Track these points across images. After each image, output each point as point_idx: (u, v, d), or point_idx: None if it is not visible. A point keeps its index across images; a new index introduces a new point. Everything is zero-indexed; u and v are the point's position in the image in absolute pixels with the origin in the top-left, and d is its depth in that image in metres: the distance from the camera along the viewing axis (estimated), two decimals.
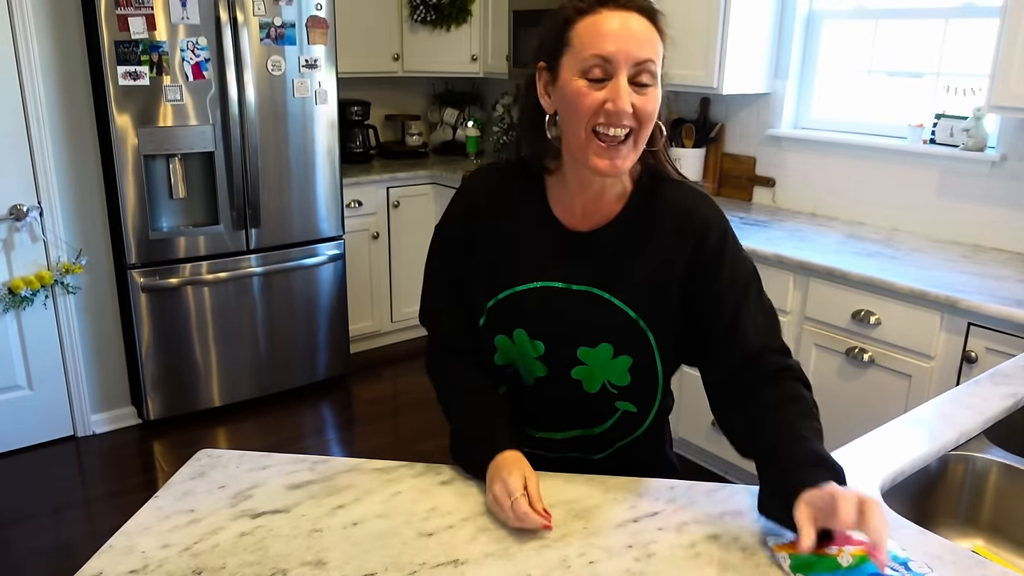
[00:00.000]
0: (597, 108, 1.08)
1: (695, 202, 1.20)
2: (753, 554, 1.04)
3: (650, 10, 1.10)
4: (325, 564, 1.02)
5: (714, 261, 1.18)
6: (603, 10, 1.08)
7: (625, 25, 1.07)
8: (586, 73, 1.08)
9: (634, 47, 1.06)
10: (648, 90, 1.09)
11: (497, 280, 1.23)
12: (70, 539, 2.66)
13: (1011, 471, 1.33)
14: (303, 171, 3.48)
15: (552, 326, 1.22)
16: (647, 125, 1.11)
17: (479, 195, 1.25)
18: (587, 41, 1.07)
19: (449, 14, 4.04)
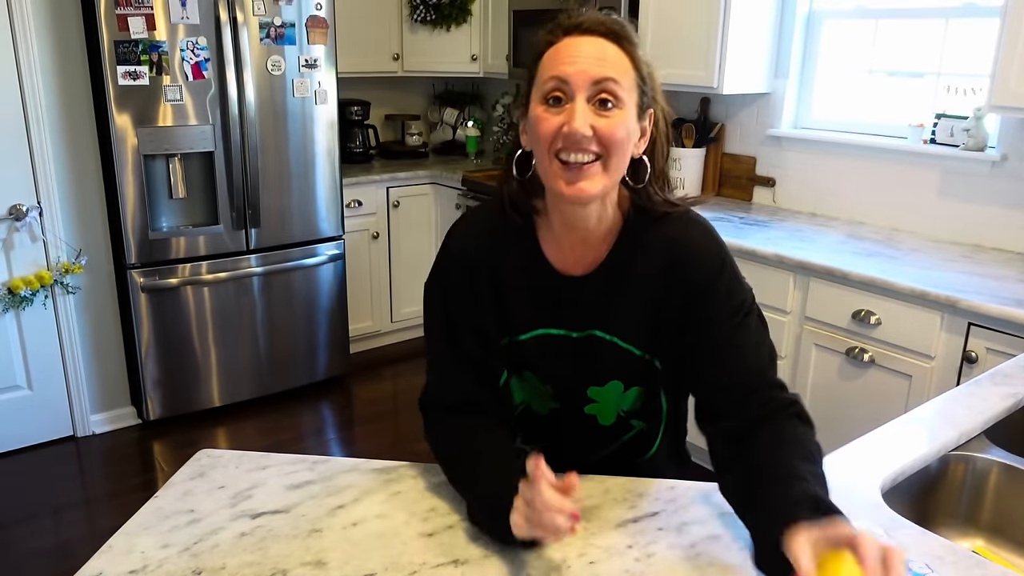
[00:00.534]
0: (555, 132, 1.02)
1: (685, 233, 1.15)
2: None
3: (618, 33, 1.05)
4: (325, 564, 1.02)
5: (706, 291, 1.13)
6: (563, 37, 1.05)
7: (584, 47, 1.03)
8: (545, 98, 1.04)
9: (592, 66, 1.02)
10: (612, 112, 1.03)
11: (501, 329, 1.20)
12: (70, 539, 2.66)
13: (1011, 471, 1.33)
14: (303, 171, 3.48)
15: (559, 370, 1.21)
16: (616, 150, 1.04)
17: (467, 248, 1.18)
18: (547, 67, 1.05)
19: (449, 14, 4.04)
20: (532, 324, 1.19)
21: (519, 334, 1.19)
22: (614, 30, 1.05)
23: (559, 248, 1.16)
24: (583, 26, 1.05)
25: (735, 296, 1.15)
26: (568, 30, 1.05)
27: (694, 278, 1.13)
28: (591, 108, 1.02)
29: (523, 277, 1.17)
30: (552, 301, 1.17)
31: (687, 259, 1.13)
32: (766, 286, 2.67)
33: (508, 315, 1.19)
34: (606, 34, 1.05)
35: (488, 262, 1.17)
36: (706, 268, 1.13)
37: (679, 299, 1.14)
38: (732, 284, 1.15)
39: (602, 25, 1.05)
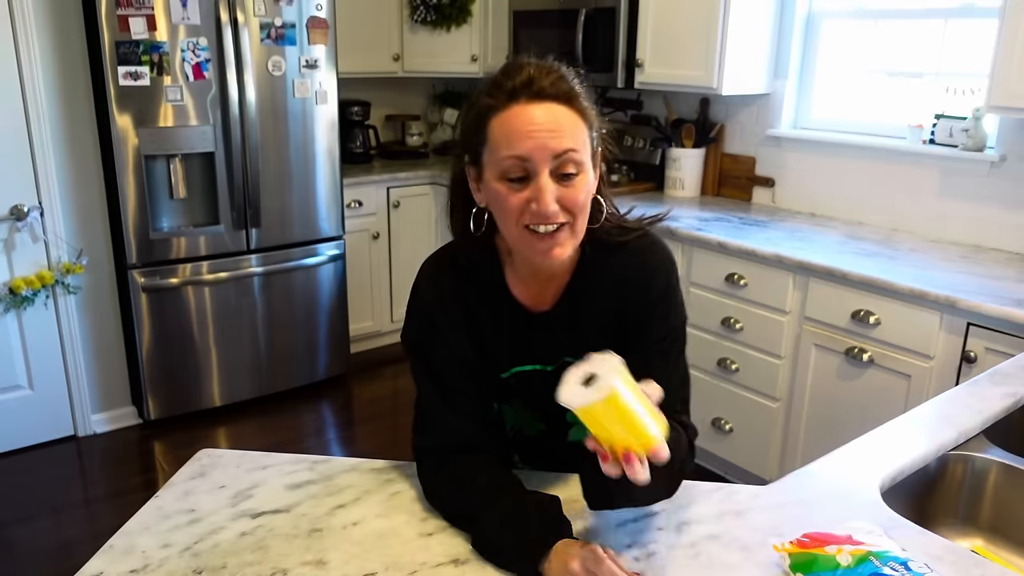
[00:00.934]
0: (522, 208, 1.03)
1: (639, 259, 1.16)
2: (753, 554, 1.04)
3: (567, 94, 1.03)
4: (325, 564, 1.02)
5: (650, 313, 1.16)
6: (514, 105, 1.02)
7: (539, 120, 1.01)
8: (506, 175, 1.03)
9: (551, 141, 1.00)
10: (574, 180, 1.03)
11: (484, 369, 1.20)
12: (70, 539, 2.66)
13: (1010, 471, 1.34)
14: (303, 171, 3.48)
15: (541, 403, 1.21)
16: (581, 214, 1.06)
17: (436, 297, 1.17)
18: (502, 141, 1.02)
19: (449, 14, 4.04)
20: (509, 363, 1.20)
21: (499, 372, 1.20)
22: (563, 91, 1.03)
23: (525, 286, 1.18)
24: (531, 90, 1.02)
25: (667, 324, 1.17)
26: (514, 95, 1.02)
27: (644, 301, 1.16)
28: (554, 180, 1.02)
29: (495, 318, 1.18)
30: (524, 338, 1.18)
31: (642, 281, 1.16)
32: (766, 286, 2.67)
33: (487, 356, 1.19)
34: (556, 97, 1.03)
35: (459, 307, 1.17)
36: (656, 290, 1.16)
37: (636, 315, 1.16)
38: (669, 310, 1.18)
39: (553, 88, 1.03)
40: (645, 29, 3.31)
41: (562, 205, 1.03)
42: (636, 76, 3.38)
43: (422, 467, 1.19)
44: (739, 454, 2.86)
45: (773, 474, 2.76)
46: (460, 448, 1.16)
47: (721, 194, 3.54)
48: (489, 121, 1.04)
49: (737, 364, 2.80)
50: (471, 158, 1.08)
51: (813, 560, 0.97)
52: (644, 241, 1.18)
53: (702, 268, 2.83)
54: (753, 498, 1.17)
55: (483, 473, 1.14)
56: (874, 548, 0.97)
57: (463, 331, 1.17)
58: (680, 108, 3.61)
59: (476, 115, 1.06)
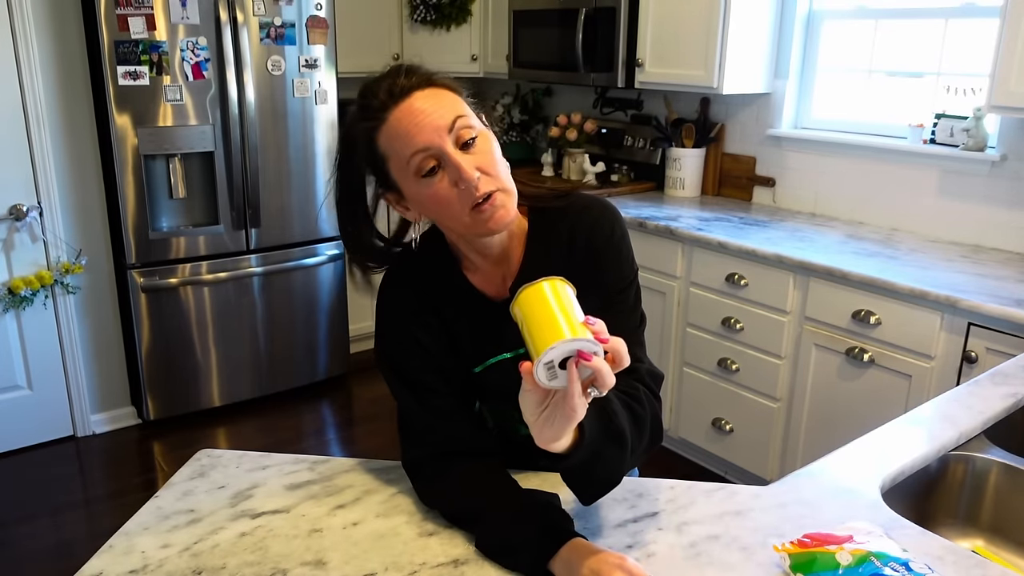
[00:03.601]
0: (454, 194, 1.04)
1: (579, 216, 1.18)
2: (753, 554, 1.04)
3: (425, 79, 1.06)
4: (325, 564, 1.02)
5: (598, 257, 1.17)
6: (391, 113, 1.04)
7: (417, 108, 1.03)
8: (420, 172, 1.04)
9: (437, 119, 1.03)
10: (476, 144, 1.05)
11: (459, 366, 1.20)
12: (70, 539, 2.66)
13: (1011, 471, 1.33)
14: (303, 171, 3.48)
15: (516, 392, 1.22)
16: (499, 172, 1.06)
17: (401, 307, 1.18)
18: (398, 146, 1.04)
19: (449, 14, 4.04)
20: (482, 356, 1.19)
21: (473, 367, 1.20)
22: (422, 78, 1.06)
23: (484, 275, 1.19)
24: (396, 92, 1.04)
25: (618, 272, 1.18)
26: (384, 106, 1.04)
27: (589, 252, 1.17)
28: (462, 153, 1.04)
29: (460, 314, 1.18)
30: (491, 329, 1.18)
31: (584, 239, 1.17)
32: (766, 286, 2.67)
33: (458, 354, 1.19)
34: (418, 85, 1.05)
35: (425, 310, 1.18)
36: (597, 242, 1.17)
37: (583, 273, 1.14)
38: (618, 259, 1.18)
39: (409, 80, 1.05)
40: (645, 29, 3.31)
41: (480, 170, 1.04)
42: (636, 76, 3.38)
43: (417, 479, 1.18)
44: (739, 454, 2.86)
45: (773, 474, 2.76)
46: (452, 453, 1.16)
47: (721, 194, 3.54)
48: (376, 141, 1.06)
49: (737, 364, 2.80)
50: (381, 184, 1.11)
51: (813, 560, 0.97)
52: (583, 200, 1.20)
53: (702, 268, 2.83)
54: (753, 498, 1.17)
55: (480, 475, 1.13)
56: (875, 548, 0.96)
57: (433, 334, 1.17)
58: (680, 108, 3.61)
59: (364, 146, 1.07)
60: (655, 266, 3.00)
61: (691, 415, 2.98)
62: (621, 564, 0.95)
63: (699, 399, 2.95)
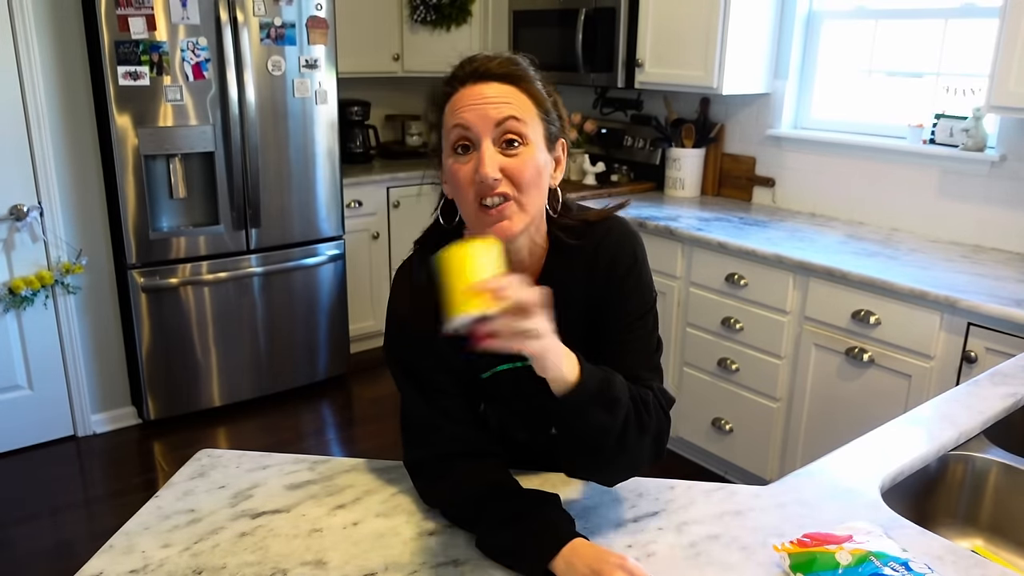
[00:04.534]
0: (471, 180, 1.05)
1: (601, 242, 1.18)
2: (753, 554, 1.04)
3: (514, 75, 1.08)
4: (325, 564, 1.02)
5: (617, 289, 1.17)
6: (460, 87, 1.08)
7: (481, 92, 1.06)
8: (454, 147, 1.07)
9: (491, 110, 1.04)
10: (518, 150, 1.05)
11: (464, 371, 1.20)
12: (70, 539, 2.66)
13: (1011, 471, 1.33)
14: (303, 171, 3.48)
15: (521, 403, 1.21)
16: (528, 187, 1.06)
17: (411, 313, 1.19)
18: (449, 117, 1.08)
19: (449, 14, 4.04)
20: (491, 363, 1.19)
21: (481, 373, 1.20)
22: (510, 72, 1.08)
23: None
24: (478, 72, 1.07)
25: (635, 298, 1.18)
26: (464, 80, 1.08)
27: (611, 279, 1.17)
28: (498, 150, 1.05)
29: None
30: None
31: (606, 265, 1.17)
32: (766, 286, 2.67)
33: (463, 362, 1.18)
34: (502, 78, 1.07)
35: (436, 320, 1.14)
36: (619, 270, 1.17)
37: (604, 297, 1.18)
38: (638, 286, 1.18)
39: (499, 68, 1.07)
40: (645, 29, 3.31)
41: (506, 175, 1.05)
42: (636, 76, 3.38)
43: (419, 478, 1.18)
44: (739, 454, 2.86)
45: (773, 474, 2.76)
46: (456, 455, 1.16)
47: (721, 194, 3.54)
48: (445, 107, 1.09)
49: (737, 364, 2.80)
50: (435, 150, 1.13)
51: (813, 560, 0.97)
52: (606, 224, 1.20)
53: (702, 268, 2.83)
54: (753, 498, 1.17)
55: (481, 475, 1.13)
56: (874, 548, 0.97)
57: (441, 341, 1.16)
58: (680, 108, 3.61)
59: (436, 107, 1.11)
60: (655, 266, 2.98)
61: (691, 415, 2.98)
62: (622, 564, 0.96)
63: (699, 399, 2.95)
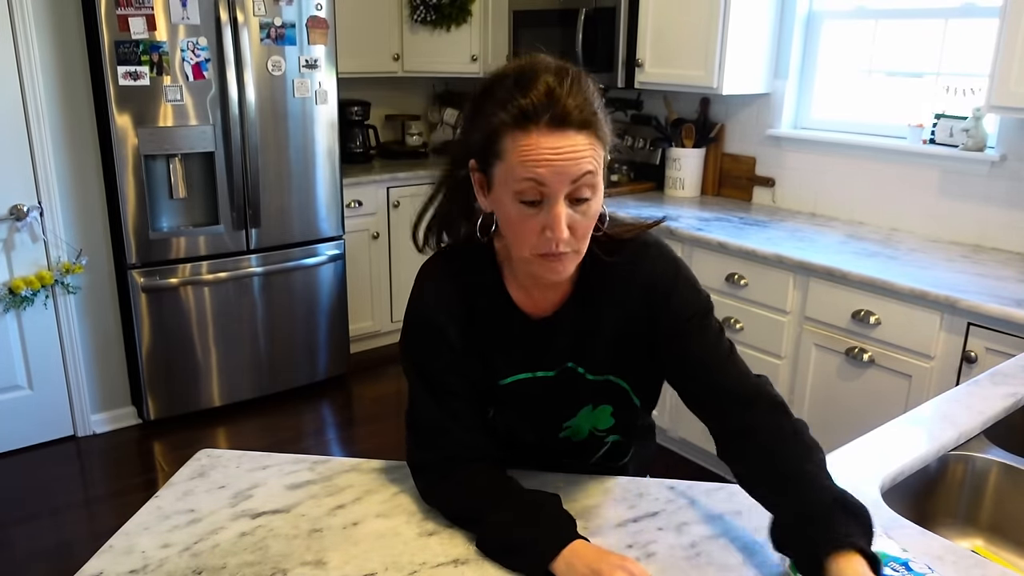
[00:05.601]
0: (536, 232, 1.02)
1: (639, 256, 1.16)
2: (753, 554, 1.04)
3: (588, 122, 0.99)
4: (325, 564, 1.02)
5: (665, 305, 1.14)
6: (534, 129, 0.97)
7: (558, 147, 0.97)
8: (521, 196, 1.00)
9: (570, 167, 0.98)
10: (588, 204, 1.02)
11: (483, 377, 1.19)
12: (70, 539, 2.66)
13: (1011, 471, 1.33)
14: (303, 171, 3.48)
15: (535, 411, 1.21)
16: (586, 236, 1.06)
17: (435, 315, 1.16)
18: (518, 162, 0.98)
19: (449, 14, 4.04)
20: (511, 370, 1.19)
21: (500, 379, 1.19)
22: (588, 120, 0.99)
23: (525, 292, 1.17)
24: (559, 117, 0.97)
25: (691, 305, 1.15)
26: (535, 117, 0.97)
27: (652, 296, 1.14)
28: (567, 205, 1.01)
29: (497, 327, 1.17)
30: (527, 345, 1.18)
31: (644, 279, 1.15)
32: (766, 286, 2.67)
33: (488, 363, 1.18)
34: (581, 125, 0.99)
35: (461, 311, 1.16)
36: (662, 284, 1.14)
37: (643, 319, 1.15)
38: (688, 294, 1.16)
39: (579, 114, 0.98)
40: (645, 29, 3.31)
41: (572, 232, 1.02)
42: (636, 76, 3.38)
43: (421, 478, 1.18)
44: None
45: None
46: (462, 459, 1.15)
47: (721, 194, 3.54)
48: (503, 138, 1.00)
49: None
50: (480, 161, 1.06)
51: None
52: (640, 240, 1.18)
53: (702, 268, 2.83)
54: None
55: (483, 476, 1.13)
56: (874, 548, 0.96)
57: (465, 337, 1.16)
58: (680, 108, 3.61)
59: (491, 129, 1.01)
60: None
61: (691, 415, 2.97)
62: (623, 565, 0.96)
63: None
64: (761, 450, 1.06)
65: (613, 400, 1.22)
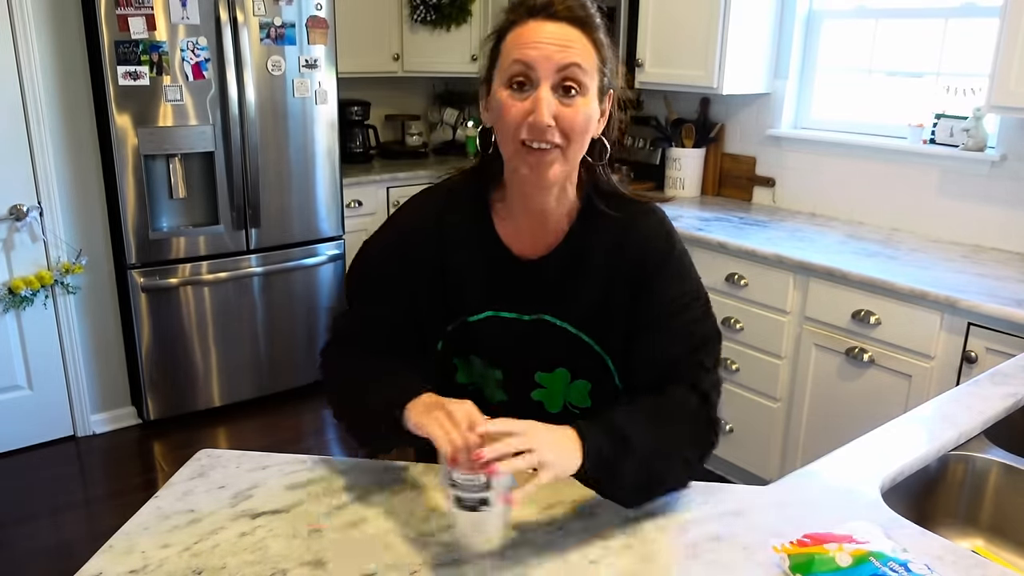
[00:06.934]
0: (521, 120, 1.05)
1: (637, 222, 1.17)
2: (753, 554, 1.04)
3: (583, 19, 1.06)
4: (325, 564, 1.02)
5: (652, 278, 1.15)
6: (531, 20, 1.06)
7: (549, 32, 1.04)
8: (510, 82, 1.05)
9: (556, 53, 1.03)
10: (575, 100, 1.05)
11: (451, 309, 1.21)
12: (70, 539, 2.66)
13: (1011, 471, 1.33)
14: (303, 171, 3.48)
15: (507, 354, 1.22)
16: (576, 140, 1.07)
17: (418, 226, 1.20)
18: (511, 49, 1.06)
19: (449, 14, 4.04)
20: (483, 306, 1.20)
21: (469, 315, 1.20)
22: (579, 16, 1.06)
23: (516, 231, 1.18)
24: (548, 10, 1.05)
25: (678, 285, 1.17)
26: (532, 12, 1.06)
27: (643, 265, 1.16)
28: (554, 95, 1.05)
29: (477, 259, 1.19)
30: (506, 284, 1.19)
31: (637, 246, 1.16)
32: (766, 286, 2.67)
33: (459, 296, 1.20)
34: (571, 20, 1.06)
35: (436, 248, 1.19)
36: (654, 255, 1.16)
37: (628, 286, 1.16)
38: (679, 271, 1.18)
39: (568, 11, 1.06)
40: (645, 29, 3.31)
41: (558, 124, 1.05)
42: (636, 76, 3.38)
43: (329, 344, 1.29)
44: (739, 454, 2.86)
45: (773, 474, 2.76)
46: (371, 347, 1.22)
47: (721, 194, 3.54)
48: (504, 36, 1.08)
49: (737, 364, 2.80)
50: (485, 77, 1.12)
51: (812, 560, 0.97)
52: (647, 206, 1.19)
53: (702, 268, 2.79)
54: (753, 498, 1.17)
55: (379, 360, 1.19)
56: (874, 548, 0.96)
57: (434, 262, 1.19)
58: (680, 108, 3.61)
59: (496, 32, 1.10)
60: None
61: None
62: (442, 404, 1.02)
63: None
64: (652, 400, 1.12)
65: (592, 375, 1.21)
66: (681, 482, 1.16)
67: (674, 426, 1.11)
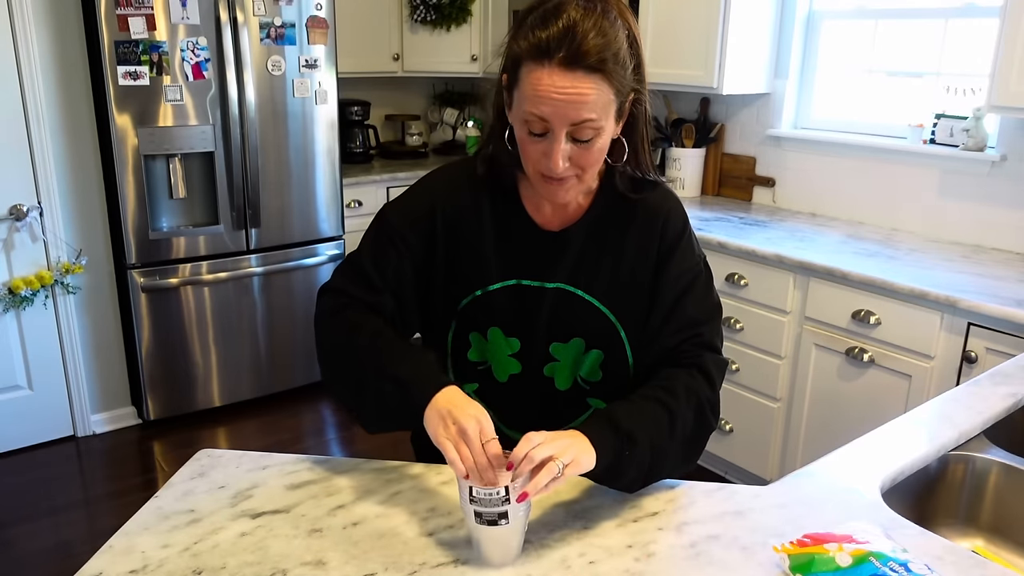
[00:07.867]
0: (539, 158, 1.10)
1: (658, 198, 1.24)
2: (753, 554, 1.04)
3: (596, 65, 1.02)
4: (325, 564, 1.02)
5: (670, 253, 1.22)
6: (547, 63, 1.02)
7: (563, 88, 1.02)
8: (527, 125, 1.08)
9: (571, 111, 1.04)
10: (589, 144, 1.08)
11: (470, 279, 1.24)
12: (70, 539, 2.66)
13: (1011, 471, 1.33)
14: (303, 171, 3.48)
15: (526, 323, 1.24)
16: (590, 168, 1.12)
17: (445, 197, 1.24)
18: (528, 94, 1.05)
19: (449, 14, 4.04)
20: (505, 275, 1.23)
21: (490, 284, 1.23)
22: (602, 60, 1.02)
23: (539, 206, 1.24)
24: (572, 57, 1.01)
25: (688, 260, 1.23)
26: (548, 54, 1.02)
27: (663, 240, 1.22)
28: (569, 141, 1.08)
29: (501, 229, 1.23)
30: (528, 253, 1.23)
31: (659, 221, 1.22)
32: (766, 286, 2.67)
33: (483, 266, 1.23)
34: (593, 69, 1.02)
35: (460, 217, 1.23)
36: (673, 231, 1.23)
37: (652, 263, 1.22)
38: (690, 247, 1.24)
39: (594, 52, 1.02)
40: (645, 29, 3.31)
41: (573, 162, 1.10)
42: None
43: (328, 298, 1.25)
44: (739, 454, 2.86)
45: (773, 474, 2.76)
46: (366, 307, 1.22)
47: (721, 194, 3.54)
48: (521, 66, 1.07)
49: (737, 364, 2.80)
50: (507, 85, 1.12)
51: (812, 561, 0.97)
52: (660, 189, 1.25)
53: None
54: (753, 498, 1.17)
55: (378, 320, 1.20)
56: (874, 548, 0.96)
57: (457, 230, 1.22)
58: (680, 108, 3.61)
59: (511, 53, 1.09)
60: None
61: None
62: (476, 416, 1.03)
63: None
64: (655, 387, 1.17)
65: (605, 345, 1.24)
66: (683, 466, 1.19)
67: (677, 413, 1.14)
